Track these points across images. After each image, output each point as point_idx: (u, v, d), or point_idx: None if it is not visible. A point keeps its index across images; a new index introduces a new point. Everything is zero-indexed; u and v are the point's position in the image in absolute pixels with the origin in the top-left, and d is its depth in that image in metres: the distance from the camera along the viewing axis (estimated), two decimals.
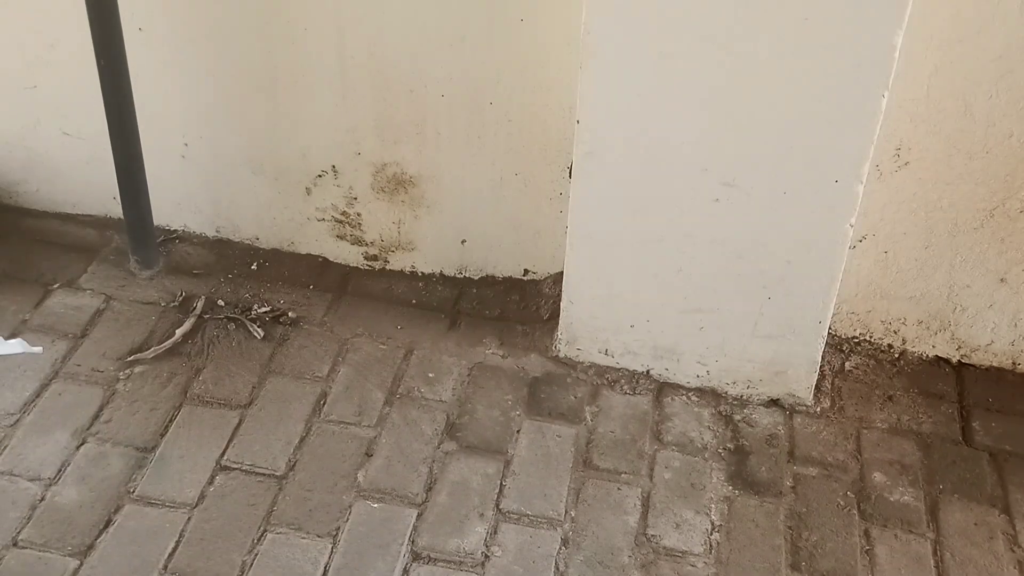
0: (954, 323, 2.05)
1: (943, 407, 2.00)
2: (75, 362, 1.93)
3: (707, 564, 1.67)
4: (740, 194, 1.73)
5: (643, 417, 1.92)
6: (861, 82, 1.57)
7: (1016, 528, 1.76)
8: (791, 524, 1.74)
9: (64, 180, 2.26)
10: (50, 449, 1.76)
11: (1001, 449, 1.91)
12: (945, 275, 2.00)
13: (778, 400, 1.97)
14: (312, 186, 2.14)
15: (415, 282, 2.20)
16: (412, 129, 2.00)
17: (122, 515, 1.67)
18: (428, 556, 1.65)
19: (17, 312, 2.03)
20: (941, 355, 2.10)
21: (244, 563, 1.61)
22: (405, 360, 2.01)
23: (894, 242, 1.99)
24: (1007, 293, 1.99)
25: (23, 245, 2.22)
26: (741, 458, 1.86)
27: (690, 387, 1.99)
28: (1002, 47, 1.73)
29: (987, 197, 1.89)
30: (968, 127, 1.83)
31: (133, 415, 1.84)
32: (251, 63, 2.00)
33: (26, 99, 2.15)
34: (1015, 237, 1.93)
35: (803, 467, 1.85)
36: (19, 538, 1.62)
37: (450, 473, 1.79)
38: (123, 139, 1.98)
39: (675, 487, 1.79)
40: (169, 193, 2.19)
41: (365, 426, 1.86)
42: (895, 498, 1.80)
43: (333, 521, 1.69)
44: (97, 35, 1.85)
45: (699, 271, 1.84)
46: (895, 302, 2.06)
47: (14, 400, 1.85)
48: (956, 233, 1.95)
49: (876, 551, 1.71)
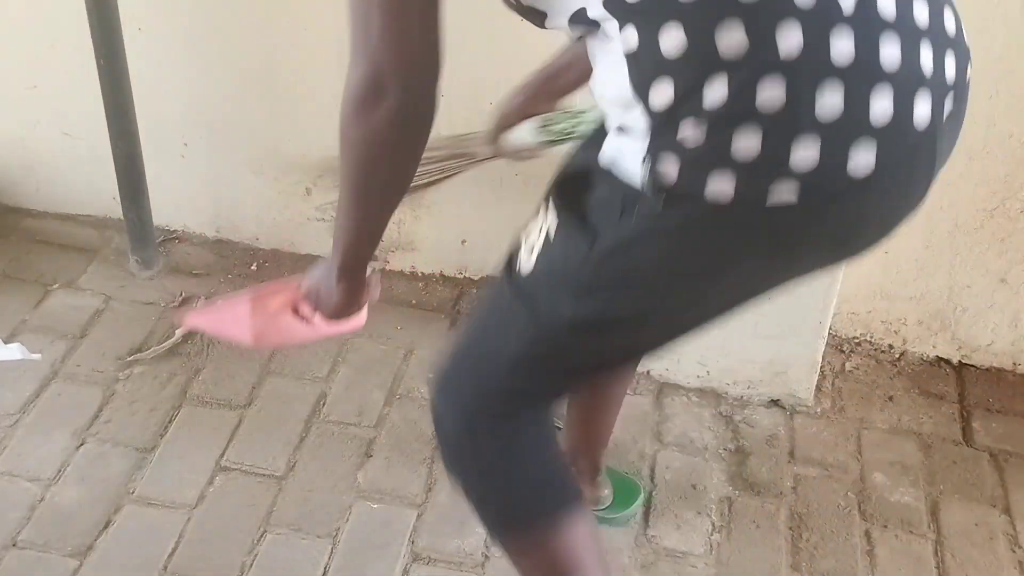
0: (954, 323, 2.05)
1: (943, 407, 1.99)
2: (75, 362, 1.93)
3: (707, 565, 1.67)
4: None
5: (643, 417, 1.92)
6: None
7: (1017, 528, 1.76)
8: (791, 525, 1.74)
9: (64, 180, 2.26)
10: (50, 449, 1.76)
11: (1001, 449, 1.91)
12: (945, 275, 2.00)
13: (778, 401, 1.97)
14: (312, 186, 2.14)
15: (415, 282, 2.20)
16: None
17: (122, 515, 1.67)
18: (428, 557, 1.65)
19: (17, 312, 2.03)
20: (941, 355, 2.10)
21: (244, 563, 1.61)
22: (405, 360, 2.01)
23: (894, 242, 1.97)
24: (1007, 293, 1.99)
25: (23, 245, 2.22)
26: (741, 459, 1.86)
27: (690, 387, 1.99)
28: (1002, 47, 1.73)
29: (987, 197, 1.89)
30: (968, 127, 1.81)
31: (133, 415, 1.84)
32: (251, 63, 2.00)
33: (26, 99, 2.15)
34: (1015, 237, 1.93)
35: (803, 467, 1.85)
36: (19, 538, 1.62)
37: None
38: (123, 139, 1.97)
39: (675, 487, 1.79)
40: (169, 193, 2.19)
41: (365, 426, 1.86)
42: (895, 498, 1.80)
43: (333, 521, 1.69)
44: (97, 35, 1.85)
45: None
46: (895, 302, 2.06)
47: (14, 400, 1.84)
48: (956, 233, 1.95)
49: (877, 552, 1.71)
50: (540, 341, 1.09)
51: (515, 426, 1.20)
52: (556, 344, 1.10)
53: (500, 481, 1.23)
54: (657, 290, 1.02)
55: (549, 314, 1.06)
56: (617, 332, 1.07)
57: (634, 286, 1.01)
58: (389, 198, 1.11)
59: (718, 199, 0.90)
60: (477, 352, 1.18)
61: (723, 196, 0.90)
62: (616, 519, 1.71)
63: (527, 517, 1.23)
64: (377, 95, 0.96)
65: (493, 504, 1.25)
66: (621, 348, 1.13)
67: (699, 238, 0.96)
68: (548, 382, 1.18)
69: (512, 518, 1.24)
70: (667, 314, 1.07)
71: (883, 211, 1.01)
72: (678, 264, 0.99)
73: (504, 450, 1.20)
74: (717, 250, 0.98)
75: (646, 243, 0.97)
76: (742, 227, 0.95)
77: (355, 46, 0.96)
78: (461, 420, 1.21)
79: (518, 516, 1.23)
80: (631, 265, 1.00)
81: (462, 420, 1.21)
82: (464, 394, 1.20)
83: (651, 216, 0.95)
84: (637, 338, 1.11)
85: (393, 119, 0.98)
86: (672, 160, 0.91)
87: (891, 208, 1.01)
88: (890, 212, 1.02)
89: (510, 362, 1.14)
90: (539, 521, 1.21)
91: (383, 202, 1.11)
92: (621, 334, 1.08)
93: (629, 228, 0.97)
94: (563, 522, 1.21)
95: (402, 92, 0.96)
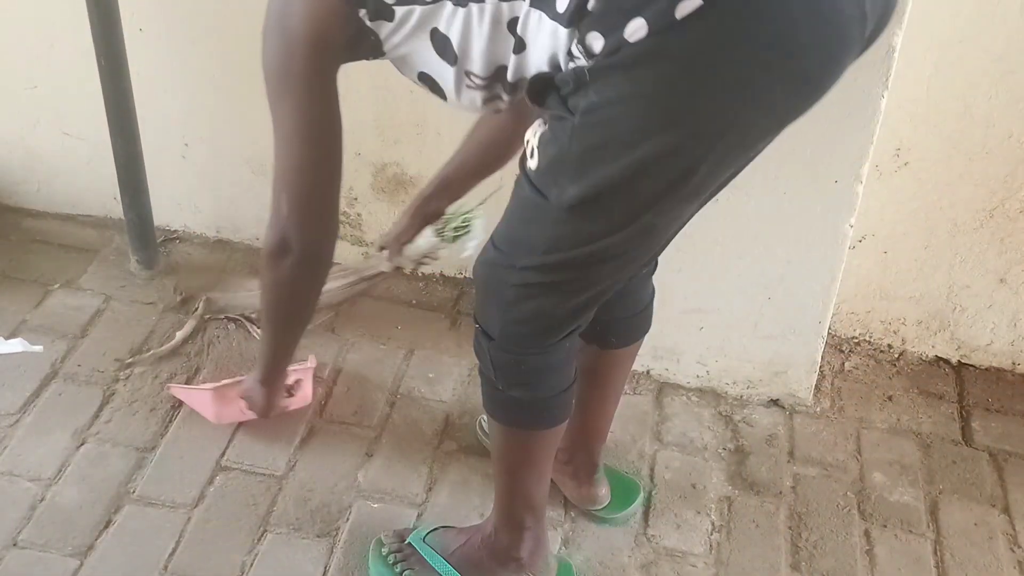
0: (954, 323, 2.06)
1: (943, 407, 2.00)
2: (75, 362, 1.93)
3: (707, 564, 1.67)
4: (740, 194, 1.73)
5: (643, 417, 1.92)
6: (861, 82, 1.57)
7: (1016, 528, 1.76)
8: (791, 524, 1.74)
9: (64, 180, 2.26)
10: (50, 449, 1.76)
11: (1001, 449, 1.91)
12: (945, 275, 2.00)
13: (778, 400, 1.97)
14: None
15: (415, 282, 2.20)
16: (412, 129, 2.00)
17: (122, 515, 1.67)
18: None
19: (17, 312, 2.03)
20: (941, 355, 2.10)
21: (244, 563, 1.61)
22: (405, 360, 2.01)
23: (894, 242, 1.99)
24: (1007, 293, 1.99)
25: (23, 245, 2.22)
26: (741, 458, 1.86)
27: (690, 387, 1.99)
28: (1002, 47, 1.73)
29: (987, 197, 1.89)
30: (968, 127, 1.83)
31: (133, 415, 1.84)
32: (251, 63, 1.98)
33: (26, 99, 2.15)
34: (1015, 237, 1.93)
35: (803, 467, 1.85)
36: (19, 538, 1.62)
37: (450, 473, 1.79)
38: (123, 139, 1.97)
39: (675, 487, 1.79)
40: (169, 193, 2.19)
41: (365, 426, 1.86)
42: (895, 498, 1.80)
43: (333, 521, 1.69)
44: (97, 35, 1.85)
45: (699, 271, 1.84)
46: (895, 302, 2.06)
47: (14, 400, 1.84)
48: (956, 233, 1.95)
49: (876, 551, 1.71)
50: (560, 223, 1.19)
51: (552, 340, 1.33)
52: (574, 227, 1.19)
53: (536, 384, 1.37)
54: (632, 143, 1.08)
55: (559, 198, 1.16)
56: (618, 202, 1.15)
57: (612, 146, 1.09)
58: (292, 328, 1.52)
59: (641, 37, 1.01)
60: (513, 236, 1.27)
61: (641, 31, 1.00)
62: (616, 519, 1.71)
63: (541, 421, 1.41)
64: (282, 253, 1.34)
65: (516, 403, 1.39)
66: (628, 224, 1.17)
67: (645, 82, 1.04)
68: (577, 276, 1.25)
69: (530, 417, 1.41)
70: (654, 171, 1.11)
71: (813, 13, 1.02)
72: (639, 111, 1.06)
73: (541, 357, 1.34)
74: (665, 88, 1.04)
75: (606, 105, 1.07)
76: (674, 56, 1.02)
77: (271, 213, 1.32)
78: (500, 319, 1.32)
79: (535, 418, 1.41)
80: (602, 129, 1.09)
81: (501, 318, 1.32)
82: (504, 288, 1.29)
83: (600, 81, 1.05)
84: (638, 209, 1.16)
85: (293, 271, 1.36)
86: (594, 33, 1.04)
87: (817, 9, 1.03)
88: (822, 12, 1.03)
89: (542, 245, 1.22)
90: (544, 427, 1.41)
91: (287, 330, 1.53)
92: (623, 204, 1.15)
93: (587, 100, 1.07)
94: (558, 433, 1.43)
95: (300, 253, 1.33)
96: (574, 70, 1.08)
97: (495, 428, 1.45)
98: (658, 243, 1.30)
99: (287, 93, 1.24)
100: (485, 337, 1.34)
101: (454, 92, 1.23)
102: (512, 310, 1.29)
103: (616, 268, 1.25)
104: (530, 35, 1.12)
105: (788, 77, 1.06)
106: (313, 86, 1.25)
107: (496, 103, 1.25)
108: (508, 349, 1.33)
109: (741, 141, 1.13)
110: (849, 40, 1.07)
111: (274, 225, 1.33)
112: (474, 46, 1.16)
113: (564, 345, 1.34)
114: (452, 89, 1.23)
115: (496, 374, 1.36)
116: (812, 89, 1.10)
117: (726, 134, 1.09)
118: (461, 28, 1.15)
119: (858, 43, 1.10)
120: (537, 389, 1.37)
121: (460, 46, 1.17)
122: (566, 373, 1.39)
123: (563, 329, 1.32)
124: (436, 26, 1.16)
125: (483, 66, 1.17)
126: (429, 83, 1.25)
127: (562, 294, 1.27)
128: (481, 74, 1.19)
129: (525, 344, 1.32)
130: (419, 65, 1.23)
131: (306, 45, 1.21)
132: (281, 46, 1.23)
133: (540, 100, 1.15)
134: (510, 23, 1.13)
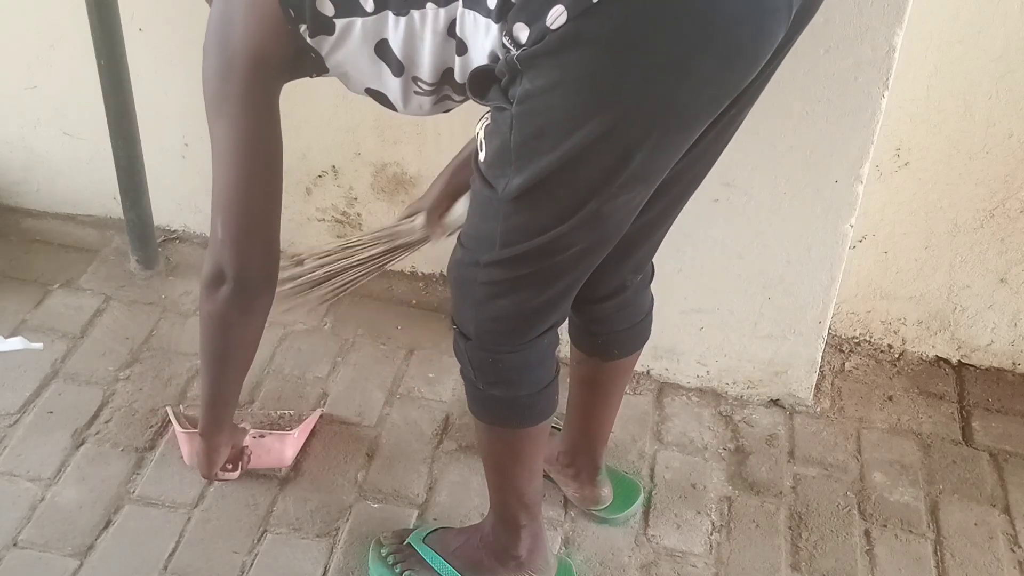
0: (954, 323, 2.06)
1: (943, 407, 2.00)
2: (75, 362, 1.93)
3: (707, 564, 1.67)
4: (739, 194, 1.73)
5: (643, 417, 1.92)
6: (861, 82, 1.57)
7: (1016, 528, 1.76)
8: (791, 524, 1.74)
9: (64, 180, 2.26)
10: (50, 449, 1.76)
11: (1001, 449, 1.91)
12: (945, 275, 2.00)
13: (778, 400, 1.97)
14: (312, 186, 2.14)
15: (415, 282, 2.20)
16: (412, 129, 2.00)
17: (122, 515, 1.67)
18: None
19: (17, 312, 2.03)
20: (941, 355, 2.10)
21: (244, 563, 1.61)
22: (405, 360, 2.01)
23: (894, 242, 1.99)
24: (1007, 293, 1.99)
25: (23, 245, 2.22)
26: (741, 458, 1.86)
27: (690, 387, 1.99)
28: (1002, 47, 1.73)
29: (987, 197, 1.89)
30: (968, 127, 1.83)
31: (133, 415, 1.84)
32: None
33: (26, 99, 2.15)
34: (1015, 237, 1.93)
35: (803, 467, 1.85)
36: (19, 538, 1.62)
37: (450, 473, 1.79)
38: (123, 139, 1.98)
39: (675, 487, 1.79)
40: (169, 193, 2.19)
41: (365, 426, 1.86)
42: (895, 498, 1.80)
43: (333, 521, 1.69)
44: (97, 35, 1.85)
45: (699, 271, 1.84)
46: (895, 302, 2.06)
47: (14, 400, 1.85)
48: (956, 233, 1.95)
49: (876, 551, 1.71)
50: (510, 215, 1.17)
51: (525, 339, 1.31)
52: (522, 218, 1.17)
53: (515, 381, 1.36)
54: (568, 129, 1.07)
55: (505, 189, 1.15)
56: (561, 190, 1.14)
57: (549, 133, 1.09)
58: (227, 370, 1.45)
59: (562, 23, 1.00)
60: (475, 233, 1.25)
61: (562, 18, 1.00)
62: (616, 519, 1.71)
63: (524, 419, 1.40)
64: (216, 282, 1.31)
65: (497, 401, 1.38)
66: (575, 213, 1.16)
67: (572, 67, 1.04)
68: (536, 270, 1.23)
69: (511, 415, 1.39)
70: (591, 157, 1.10)
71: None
72: (570, 97, 1.06)
73: (517, 356, 1.33)
74: (592, 72, 1.04)
75: (539, 93, 1.06)
76: (595, 39, 1.01)
77: (209, 242, 1.30)
78: (474, 319, 1.30)
79: (517, 415, 1.39)
80: (539, 117, 1.08)
81: (475, 319, 1.30)
82: (474, 287, 1.27)
83: (532, 70, 1.05)
84: (583, 196, 1.15)
85: (227, 303, 1.32)
86: (519, 24, 1.04)
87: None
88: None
89: (499, 240, 1.20)
90: (529, 423, 1.40)
91: (223, 372, 1.45)
92: (566, 192, 1.14)
93: (522, 88, 1.07)
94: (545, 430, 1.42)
95: (235, 284, 1.30)
96: (506, 60, 1.08)
97: (480, 428, 1.44)
98: (612, 232, 1.23)
99: (224, 111, 1.21)
100: (462, 338, 1.33)
101: (401, 102, 1.22)
102: (483, 309, 1.28)
103: (574, 260, 1.22)
104: (468, 35, 1.12)
105: (718, 52, 1.03)
106: (251, 105, 1.22)
107: (446, 103, 1.25)
108: (485, 348, 1.32)
109: (678, 121, 1.10)
110: (775, 7, 1.04)
111: (210, 254, 1.29)
112: (419, 53, 1.15)
113: (541, 342, 1.33)
114: (399, 99, 1.22)
115: (475, 374, 1.35)
116: (747, 62, 1.07)
117: (659, 115, 1.07)
118: (403, 37, 1.14)
119: (784, 9, 1.06)
120: (517, 387, 1.35)
121: (405, 55, 1.16)
122: (546, 370, 1.37)
123: (537, 326, 1.30)
124: (383, 38, 1.15)
125: (430, 72, 1.17)
126: (377, 96, 1.24)
127: (529, 290, 1.24)
128: (429, 80, 1.18)
129: (501, 342, 1.31)
130: (365, 81, 1.21)
131: (245, 63, 1.19)
132: (220, 63, 1.20)
133: (482, 94, 1.14)
134: (449, 27, 1.12)
